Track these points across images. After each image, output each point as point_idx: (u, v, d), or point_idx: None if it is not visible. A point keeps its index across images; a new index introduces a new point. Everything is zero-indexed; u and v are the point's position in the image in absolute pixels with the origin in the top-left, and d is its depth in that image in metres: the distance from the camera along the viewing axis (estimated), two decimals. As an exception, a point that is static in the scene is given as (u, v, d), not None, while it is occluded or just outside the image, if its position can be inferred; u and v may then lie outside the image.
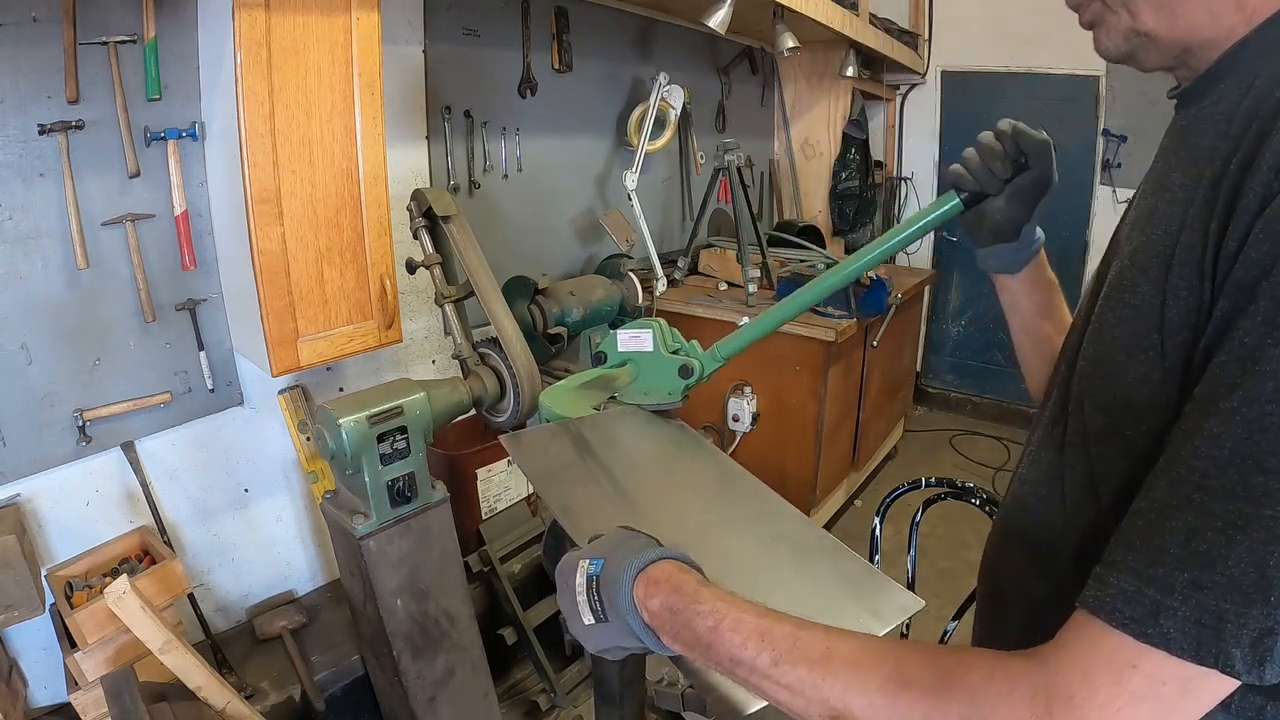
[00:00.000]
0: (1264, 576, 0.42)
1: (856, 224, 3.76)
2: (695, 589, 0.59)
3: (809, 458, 2.67)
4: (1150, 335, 0.53)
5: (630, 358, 1.04)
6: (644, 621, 0.60)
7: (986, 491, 1.51)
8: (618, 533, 0.67)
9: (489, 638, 1.94)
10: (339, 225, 1.55)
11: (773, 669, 0.53)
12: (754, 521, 0.87)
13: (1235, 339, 0.46)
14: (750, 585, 0.72)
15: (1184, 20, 0.55)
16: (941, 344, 4.44)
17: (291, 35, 1.39)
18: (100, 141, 1.47)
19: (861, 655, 0.52)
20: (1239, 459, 0.44)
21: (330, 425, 1.39)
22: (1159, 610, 0.44)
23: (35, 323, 1.46)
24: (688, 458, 1.00)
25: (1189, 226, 0.51)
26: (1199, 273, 0.50)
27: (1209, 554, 0.43)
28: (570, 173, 2.66)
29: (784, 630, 0.55)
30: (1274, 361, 0.43)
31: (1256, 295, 0.45)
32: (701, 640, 0.57)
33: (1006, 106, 3.91)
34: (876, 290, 2.63)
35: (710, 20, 2.40)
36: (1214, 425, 0.45)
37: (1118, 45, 0.60)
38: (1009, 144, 0.79)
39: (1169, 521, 0.46)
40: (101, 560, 1.54)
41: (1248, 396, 0.44)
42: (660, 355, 1.01)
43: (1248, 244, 0.46)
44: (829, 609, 0.72)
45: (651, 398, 1.03)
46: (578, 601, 0.63)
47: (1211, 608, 0.43)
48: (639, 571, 0.61)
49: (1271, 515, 0.42)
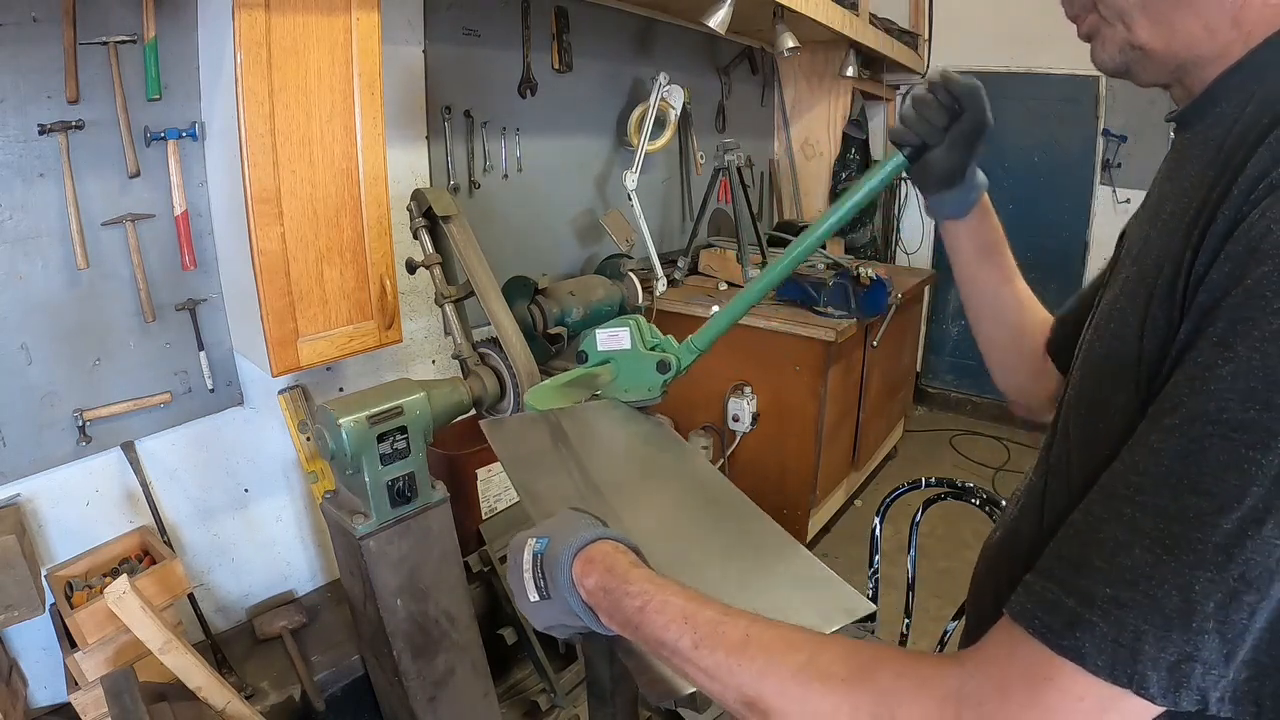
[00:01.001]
0: (1187, 601, 0.41)
1: (856, 224, 3.76)
2: (626, 569, 0.61)
3: (809, 458, 2.67)
4: (1131, 367, 0.53)
5: (610, 356, 1.05)
6: (582, 600, 0.62)
7: (986, 491, 1.51)
8: (565, 513, 0.69)
9: (489, 638, 1.94)
10: (339, 225, 1.55)
11: (693, 652, 0.54)
12: (717, 519, 0.89)
13: (1190, 359, 0.45)
14: (701, 580, 0.74)
15: (1180, 36, 0.54)
16: (941, 344, 4.44)
17: (291, 35, 1.39)
18: (100, 141, 1.47)
19: (778, 643, 0.53)
20: (1174, 477, 0.43)
21: (330, 425, 1.39)
22: (1076, 622, 0.43)
23: (35, 323, 1.46)
24: (660, 454, 1.01)
25: (1170, 257, 0.51)
26: (1173, 300, 0.49)
27: (1134, 571, 0.43)
28: (570, 173, 2.66)
29: (707, 615, 0.55)
30: (1220, 381, 0.43)
31: (1215, 316, 0.45)
32: (630, 620, 0.58)
33: (1006, 106, 3.91)
34: (876, 290, 2.63)
35: (710, 20, 2.40)
36: (1154, 440, 0.45)
37: (1113, 58, 0.59)
38: (941, 93, 0.80)
39: (1098, 534, 0.45)
40: (101, 560, 1.54)
41: (1189, 414, 0.43)
42: (638, 352, 1.03)
43: (1213, 266, 0.46)
44: (777, 608, 0.73)
45: (632, 394, 1.04)
46: (524, 578, 0.65)
47: (1131, 626, 0.42)
48: (578, 550, 0.63)
49: (1200, 539, 0.41)
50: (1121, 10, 0.56)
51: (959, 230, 0.90)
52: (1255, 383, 0.41)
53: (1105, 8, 0.57)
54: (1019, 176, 3.96)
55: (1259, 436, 0.41)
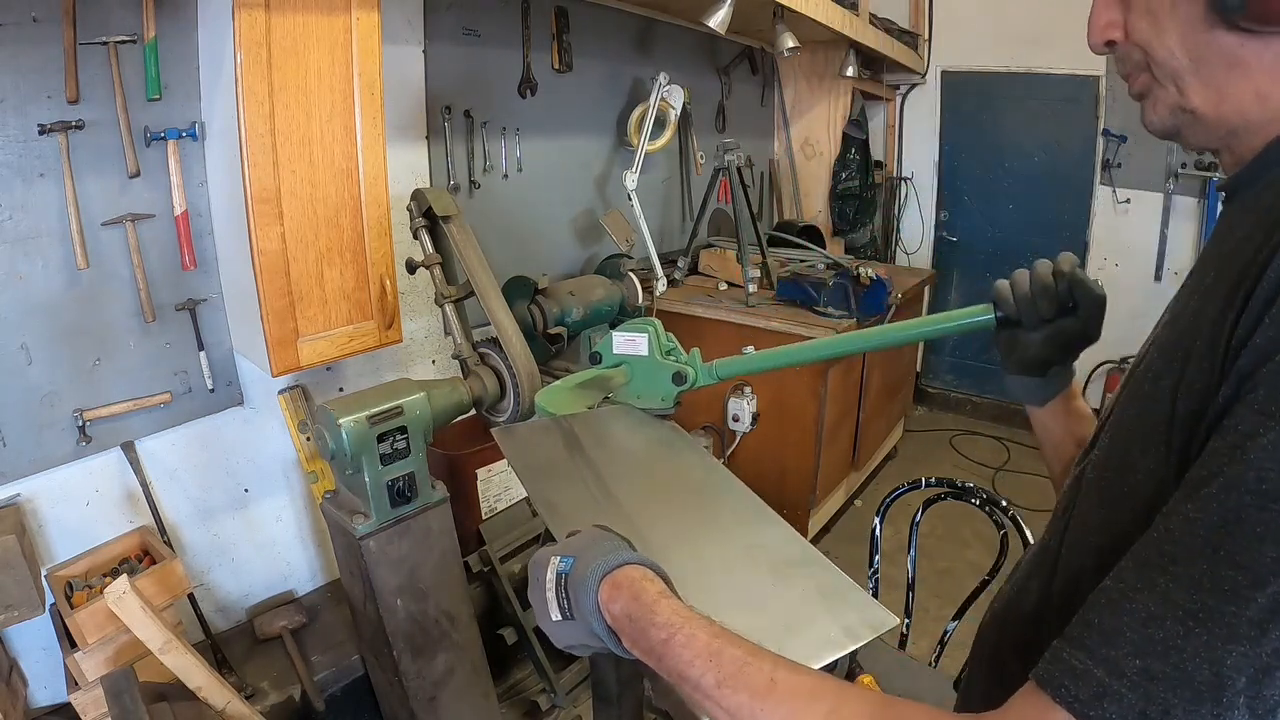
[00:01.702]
0: (1218, 675, 0.40)
1: (856, 224, 3.76)
2: (654, 599, 0.59)
3: (809, 458, 2.67)
4: (1162, 429, 0.52)
5: (625, 360, 1.04)
6: (606, 624, 0.61)
7: (986, 491, 1.52)
8: (591, 532, 0.68)
9: (489, 638, 1.94)
10: (339, 225, 1.55)
11: (716, 691, 0.54)
12: (736, 528, 0.87)
13: (1229, 426, 0.44)
14: (720, 592, 0.72)
15: (1231, 101, 0.53)
16: (941, 344, 4.43)
17: (291, 35, 1.39)
18: (100, 141, 1.47)
19: (803, 691, 0.52)
20: (1210, 549, 0.42)
21: (330, 425, 1.39)
22: (1105, 693, 0.43)
23: (35, 323, 1.46)
24: (677, 460, 1.00)
25: (1211, 319, 0.49)
26: (1213, 364, 0.48)
27: (1165, 643, 0.42)
28: (570, 173, 2.66)
29: (733, 654, 0.55)
30: (1260, 451, 0.42)
31: (1257, 382, 0.44)
32: (654, 651, 0.57)
33: (1006, 106, 3.92)
34: (876, 290, 2.63)
35: (710, 20, 2.40)
36: (1191, 510, 0.44)
37: (1163, 120, 0.58)
38: (1063, 285, 0.77)
39: (1130, 603, 0.44)
40: (101, 560, 1.54)
41: (1228, 484, 0.43)
42: (655, 360, 1.01)
43: (1257, 331, 0.45)
44: (799, 621, 0.72)
45: (644, 402, 1.03)
46: (547, 597, 0.64)
47: (1159, 699, 0.41)
48: (605, 574, 0.62)
49: (1235, 612, 0.40)
50: (1175, 73, 0.55)
51: (1039, 415, 0.87)
52: None
53: (1158, 69, 0.56)
54: (1019, 176, 3.96)
55: None
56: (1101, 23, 0.59)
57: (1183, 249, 3.56)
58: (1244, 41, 0.50)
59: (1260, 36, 0.50)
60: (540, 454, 0.97)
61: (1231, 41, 0.51)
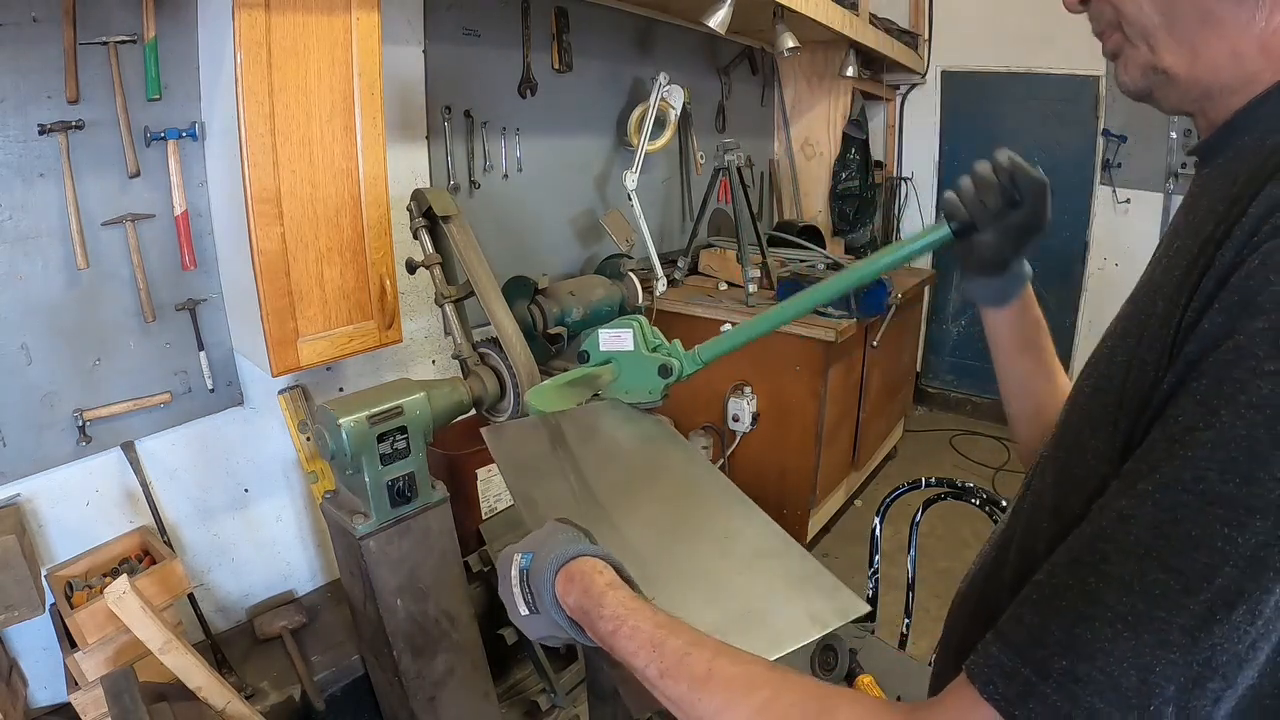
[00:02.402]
0: (1145, 682, 0.39)
1: (856, 224, 3.76)
2: (601, 590, 0.60)
3: (809, 458, 2.67)
4: (1112, 409, 0.50)
5: (612, 356, 1.04)
6: (567, 616, 0.62)
7: (986, 491, 1.52)
8: (549, 525, 0.69)
9: (489, 638, 1.94)
10: (339, 225, 1.55)
11: (659, 681, 0.54)
12: (712, 520, 0.89)
13: (1171, 416, 0.43)
14: (689, 582, 0.73)
15: (1205, 60, 0.51)
16: (941, 344, 4.44)
17: (291, 35, 1.39)
18: (100, 141, 1.47)
19: (740, 680, 0.52)
20: (1142, 548, 0.41)
21: (330, 425, 1.39)
22: (1030, 693, 0.42)
23: (35, 323, 1.46)
24: (659, 454, 1.01)
25: (1167, 295, 0.48)
26: (1164, 343, 0.46)
27: (1093, 645, 0.40)
28: (570, 173, 2.66)
29: (674, 644, 0.55)
30: (1200, 447, 0.40)
31: (1202, 371, 0.42)
32: (605, 643, 0.59)
33: (1006, 106, 3.91)
34: (876, 290, 2.63)
35: (710, 20, 2.40)
36: (1126, 506, 0.43)
37: (1135, 80, 0.56)
38: (1004, 178, 0.77)
39: (1060, 600, 0.43)
40: (101, 560, 1.54)
41: (1165, 481, 0.41)
42: (640, 354, 1.02)
43: (1205, 315, 0.43)
44: (765, 609, 0.73)
45: (632, 396, 1.04)
46: (514, 593, 0.66)
47: (1085, 703, 0.40)
48: (559, 567, 0.63)
49: (1165, 619, 0.39)
50: (1146, 30, 0.53)
51: (997, 318, 0.88)
52: (1237, 453, 0.39)
53: (1129, 26, 0.54)
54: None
55: (1235, 513, 0.38)
56: None
57: (1183, 249, 3.56)
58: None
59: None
60: (525, 451, 0.99)
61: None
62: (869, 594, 1.63)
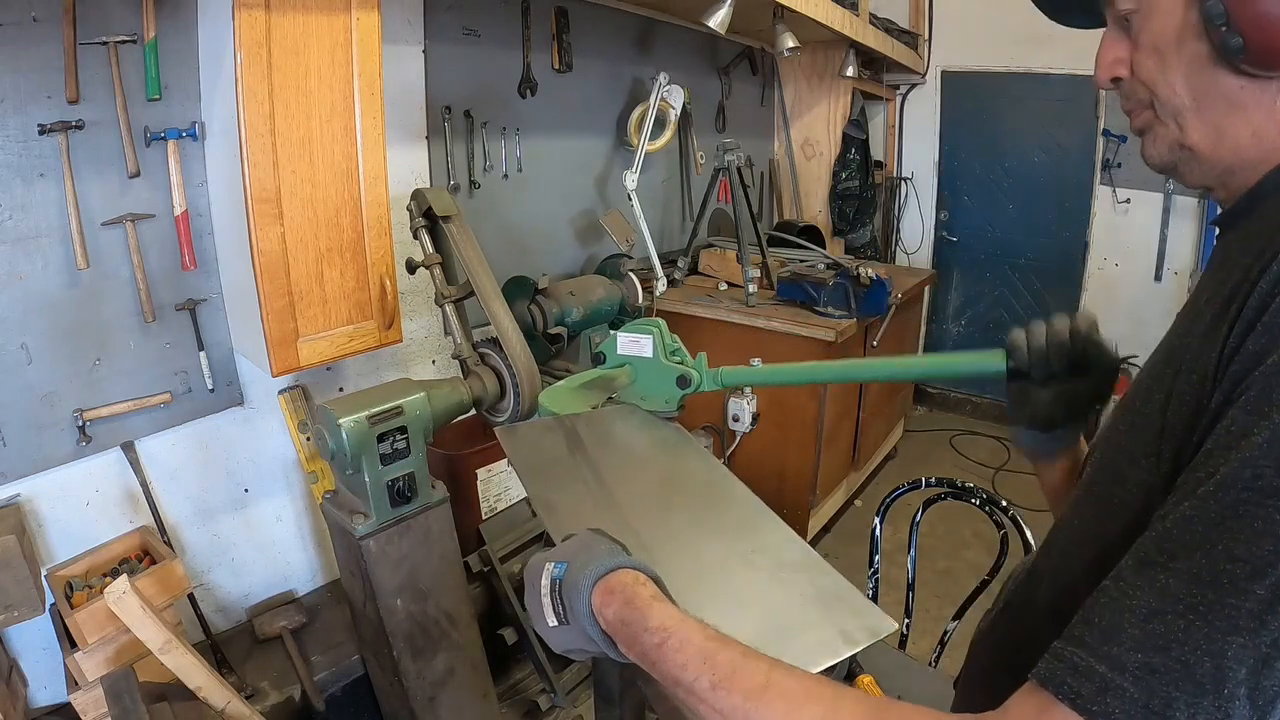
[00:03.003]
0: (1219, 668, 0.41)
1: (856, 224, 3.76)
2: (647, 603, 0.59)
3: (809, 458, 2.67)
4: (1153, 442, 0.53)
5: (629, 361, 1.03)
6: (601, 629, 0.61)
7: (986, 491, 1.52)
8: (584, 535, 0.68)
9: (489, 638, 1.94)
10: (339, 225, 1.55)
11: (710, 693, 0.54)
12: (736, 531, 0.87)
13: (1223, 428, 0.46)
14: (718, 595, 0.72)
15: (1229, 139, 0.55)
16: (941, 344, 4.43)
17: (291, 35, 1.39)
18: (100, 141, 1.47)
19: (798, 692, 0.52)
20: (1209, 544, 0.43)
21: (330, 425, 1.39)
22: (1107, 688, 0.43)
23: (35, 323, 1.46)
24: (679, 461, 0.99)
25: (1201, 334, 0.51)
26: (1203, 375, 0.49)
27: (1166, 637, 0.42)
28: (570, 173, 2.66)
29: (727, 656, 0.55)
30: (1255, 448, 0.43)
31: (1249, 384, 0.45)
32: (648, 656, 0.58)
33: (1006, 106, 3.91)
34: (876, 290, 2.62)
35: (710, 20, 2.40)
36: (1188, 508, 0.45)
37: (1162, 155, 0.59)
38: (1079, 344, 0.76)
39: (1131, 600, 0.45)
40: (101, 560, 1.54)
41: (1224, 481, 0.43)
42: (659, 362, 1.01)
43: (1249, 338, 0.46)
44: (796, 625, 0.72)
45: (648, 404, 1.03)
46: (543, 603, 0.64)
47: (1162, 693, 0.41)
48: (597, 579, 0.62)
49: (1235, 605, 0.41)
50: (1177, 110, 0.56)
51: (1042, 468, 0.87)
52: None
53: (1161, 107, 0.57)
54: (1019, 176, 3.95)
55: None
56: (1109, 59, 0.60)
57: (1183, 249, 3.56)
58: (1244, 84, 0.52)
59: (1259, 80, 0.51)
60: (541, 454, 0.96)
61: (1233, 84, 0.53)
62: (869, 594, 1.63)
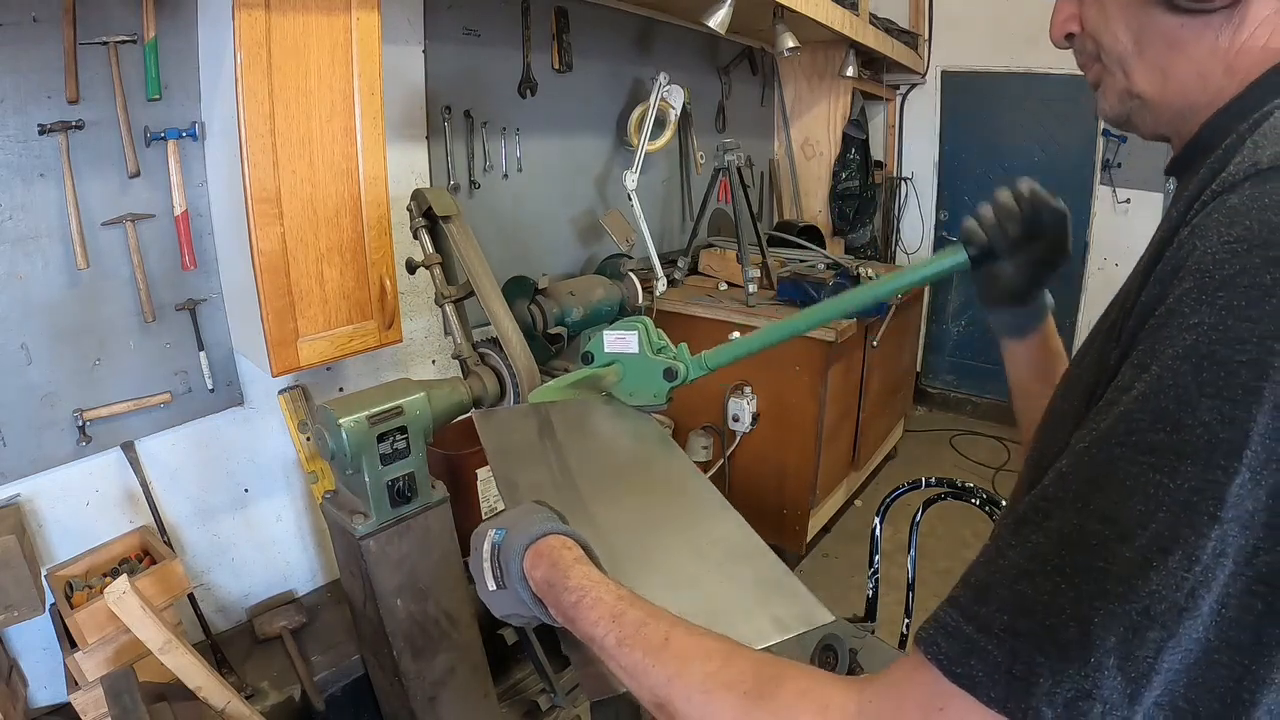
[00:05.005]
0: (1086, 634, 0.38)
1: (856, 224, 3.76)
2: (569, 564, 0.62)
3: (809, 458, 2.67)
4: (1081, 406, 0.51)
5: (617, 358, 1.04)
6: (532, 591, 0.64)
7: (986, 491, 1.51)
8: (526, 505, 0.71)
9: (489, 638, 1.94)
10: (339, 225, 1.55)
11: (616, 649, 0.56)
12: (688, 518, 0.89)
13: (1113, 385, 0.44)
14: (657, 576, 0.74)
15: (1175, 83, 0.54)
16: (941, 344, 4.44)
17: (291, 35, 1.39)
18: (100, 141, 1.47)
19: (694, 649, 0.53)
20: (1080, 501, 0.41)
21: (330, 425, 1.39)
22: (972, 650, 0.41)
23: (35, 323, 1.46)
24: (646, 453, 1.02)
25: (1127, 293, 0.50)
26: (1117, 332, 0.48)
27: (1033, 599, 0.40)
28: (570, 173, 2.66)
29: (634, 615, 0.57)
30: (1135, 403, 0.41)
31: (1139, 340, 0.44)
32: (567, 615, 0.60)
33: (1006, 106, 3.92)
34: (876, 290, 2.62)
35: (710, 20, 2.40)
36: (1065, 465, 0.43)
37: (1114, 107, 0.60)
38: (1025, 206, 0.78)
39: (1003, 559, 0.43)
40: (101, 560, 1.54)
41: (1099, 436, 0.42)
42: (646, 357, 1.02)
43: (1143, 290, 0.45)
44: (729, 609, 0.74)
45: (637, 399, 1.04)
46: (483, 567, 0.68)
47: (1025, 657, 0.39)
48: (529, 544, 0.65)
49: (1103, 568, 0.39)
50: (1120, 57, 0.56)
51: (1016, 349, 0.89)
52: (1167, 402, 0.39)
53: (1107, 55, 0.58)
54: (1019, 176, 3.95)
55: (1166, 459, 0.39)
56: (1061, 18, 0.62)
57: (1183, 249, 3.56)
58: (1183, 22, 0.52)
59: (1198, 16, 0.51)
60: (511, 437, 1.00)
61: (1171, 22, 0.52)
62: (869, 594, 1.63)
